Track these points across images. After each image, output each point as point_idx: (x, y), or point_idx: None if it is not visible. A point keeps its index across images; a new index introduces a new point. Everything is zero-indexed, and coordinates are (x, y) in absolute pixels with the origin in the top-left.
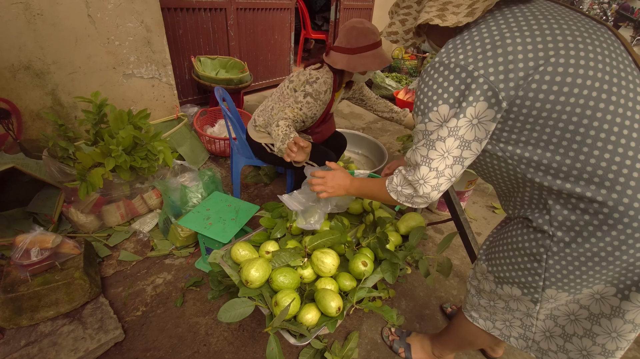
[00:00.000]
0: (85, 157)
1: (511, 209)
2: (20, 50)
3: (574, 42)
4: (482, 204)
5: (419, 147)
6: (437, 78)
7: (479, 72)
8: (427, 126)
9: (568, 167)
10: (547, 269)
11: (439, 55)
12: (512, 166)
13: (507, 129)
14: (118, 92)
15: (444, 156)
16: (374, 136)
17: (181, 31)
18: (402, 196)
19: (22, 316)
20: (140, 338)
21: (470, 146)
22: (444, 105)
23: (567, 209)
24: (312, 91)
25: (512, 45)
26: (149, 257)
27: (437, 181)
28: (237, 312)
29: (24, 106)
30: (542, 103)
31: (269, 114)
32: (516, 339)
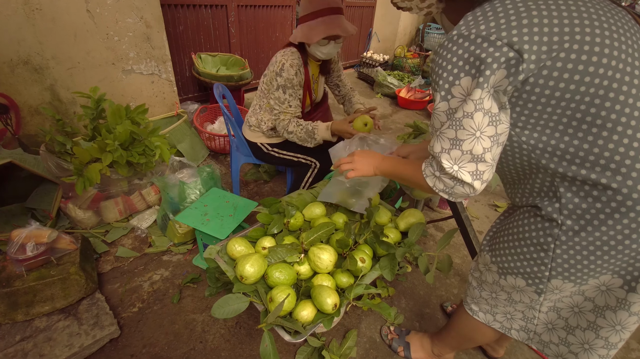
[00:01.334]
0: (82, 152)
1: (518, 198)
2: (19, 45)
3: (599, 21)
4: (484, 202)
5: (444, 131)
6: (456, 50)
7: (502, 41)
8: (450, 103)
9: (585, 152)
10: (554, 259)
11: (457, 28)
12: (527, 152)
13: (527, 112)
14: (117, 88)
15: (475, 136)
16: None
17: (181, 28)
18: (441, 184)
19: (18, 311)
20: (136, 335)
21: (500, 118)
22: (467, 77)
23: (578, 197)
24: (285, 82)
25: (538, 18)
26: (147, 254)
27: (475, 166)
28: (231, 308)
29: (23, 101)
30: (567, 82)
31: (257, 112)
32: (517, 332)
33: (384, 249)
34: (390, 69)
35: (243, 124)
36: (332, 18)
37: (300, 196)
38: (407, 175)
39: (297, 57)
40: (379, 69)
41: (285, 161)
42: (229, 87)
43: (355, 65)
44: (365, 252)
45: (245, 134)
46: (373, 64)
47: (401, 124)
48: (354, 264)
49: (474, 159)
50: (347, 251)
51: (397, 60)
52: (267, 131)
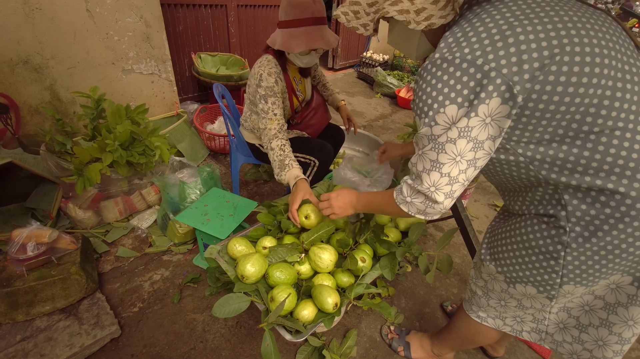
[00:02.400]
0: (82, 152)
1: (518, 206)
2: (19, 44)
3: (584, 29)
4: (483, 202)
5: (426, 152)
6: (440, 76)
7: (489, 65)
8: (433, 130)
9: (586, 159)
10: (565, 266)
11: (439, 50)
12: (525, 164)
13: (521, 126)
14: (117, 87)
15: (455, 160)
16: (375, 133)
17: (181, 27)
18: (414, 207)
19: (18, 311)
20: (136, 334)
21: (484, 146)
22: (452, 105)
23: (585, 204)
24: (265, 92)
25: (523, 34)
26: (147, 254)
27: (450, 187)
28: (232, 307)
29: (23, 100)
30: (561, 96)
31: (249, 117)
32: (528, 333)
33: (384, 249)
34: (390, 69)
35: (240, 126)
36: (315, 29)
37: None
38: (382, 205)
39: (273, 65)
40: (378, 69)
41: None
42: (229, 87)
43: (355, 65)
44: (366, 252)
45: (244, 135)
46: (373, 64)
47: (401, 123)
48: (355, 263)
49: (450, 181)
50: (347, 251)
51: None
52: None
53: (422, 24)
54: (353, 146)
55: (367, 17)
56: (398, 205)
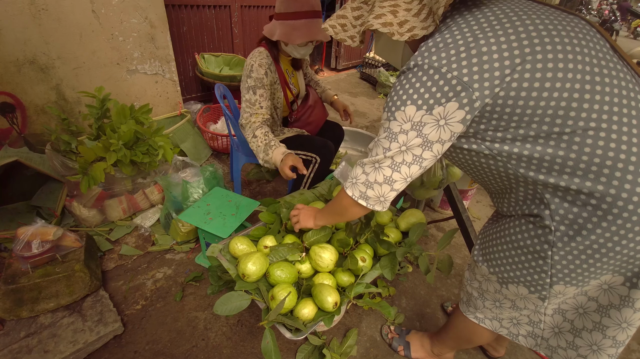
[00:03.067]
0: (87, 151)
1: (505, 207)
2: (25, 44)
3: (549, 36)
4: (485, 203)
5: (380, 140)
6: (410, 78)
7: (452, 74)
8: (390, 124)
9: (562, 159)
10: (553, 266)
11: (413, 58)
12: (502, 163)
13: (492, 128)
14: (122, 87)
15: (401, 150)
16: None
17: (185, 28)
18: (357, 190)
19: (23, 308)
20: (139, 331)
21: (432, 147)
22: (412, 106)
23: (567, 203)
24: (254, 83)
25: (486, 46)
26: (150, 252)
27: (391, 172)
28: (233, 305)
29: (29, 100)
30: (525, 101)
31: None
32: (525, 338)
33: (384, 249)
34: (393, 70)
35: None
36: (315, 22)
37: (302, 195)
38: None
39: (265, 56)
40: (381, 70)
41: None
42: (232, 87)
43: (357, 66)
44: (366, 252)
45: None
46: (375, 64)
47: None
48: (355, 263)
49: (392, 164)
50: (347, 250)
51: None
52: None
53: (405, 35)
54: (355, 146)
55: (353, 30)
56: (345, 191)
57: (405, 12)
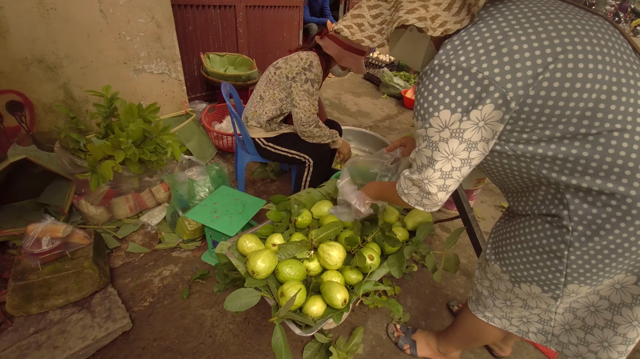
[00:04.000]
0: (96, 150)
1: (522, 206)
2: (34, 43)
3: (578, 36)
4: (490, 203)
5: (422, 149)
6: (437, 82)
7: (483, 74)
8: (427, 132)
9: (586, 159)
10: (568, 265)
11: (437, 57)
12: (525, 164)
13: (518, 129)
14: (128, 86)
15: (448, 158)
16: (381, 134)
17: (191, 28)
18: (412, 199)
19: (32, 304)
20: (147, 328)
21: (477, 146)
22: (446, 111)
23: (587, 203)
24: (314, 76)
25: (517, 44)
26: (157, 250)
27: (443, 181)
28: (243, 301)
29: (37, 98)
30: (555, 101)
31: (257, 103)
32: (535, 335)
33: (391, 246)
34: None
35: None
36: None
37: (308, 194)
38: (391, 196)
39: (319, 62)
40: (385, 70)
41: (280, 156)
42: (237, 86)
43: None
44: (374, 250)
45: (250, 132)
46: (379, 64)
47: (407, 124)
48: (363, 261)
49: (443, 175)
50: (355, 249)
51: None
52: (265, 122)
53: (438, 31)
54: (359, 146)
55: (372, 29)
56: (400, 196)
57: (435, 6)
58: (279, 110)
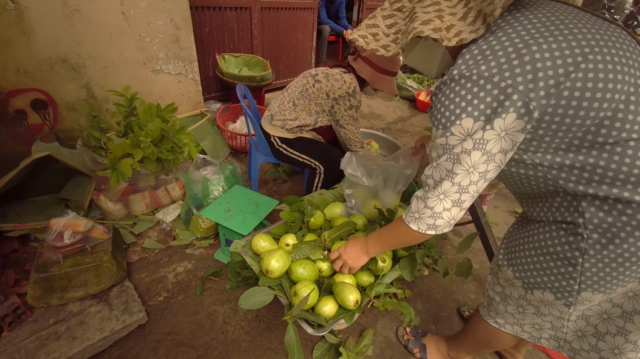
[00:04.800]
0: (116, 148)
1: (537, 212)
2: (58, 44)
3: (598, 46)
4: (504, 208)
5: (441, 163)
6: (458, 91)
7: (506, 82)
8: (448, 140)
9: (602, 169)
10: (582, 273)
11: (456, 67)
12: (543, 173)
13: (537, 138)
14: (147, 86)
15: (469, 171)
16: (394, 136)
17: (207, 29)
18: (424, 223)
19: (53, 296)
20: (161, 322)
21: (495, 159)
22: (468, 119)
23: (602, 212)
24: (357, 103)
25: (539, 53)
26: (171, 246)
27: (459, 196)
28: (257, 300)
29: (60, 97)
30: (575, 110)
31: (289, 108)
32: (547, 341)
33: (404, 250)
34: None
35: (263, 117)
36: (394, 80)
37: (321, 195)
38: (394, 235)
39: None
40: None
41: (291, 159)
42: (251, 87)
43: None
44: (386, 253)
45: (264, 127)
46: None
47: (420, 127)
48: (375, 263)
49: (459, 189)
50: None
51: None
52: (291, 128)
53: (453, 40)
54: None
55: (387, 39)
56: (408, 225)
57: (450, 16)
58: (314, 121)
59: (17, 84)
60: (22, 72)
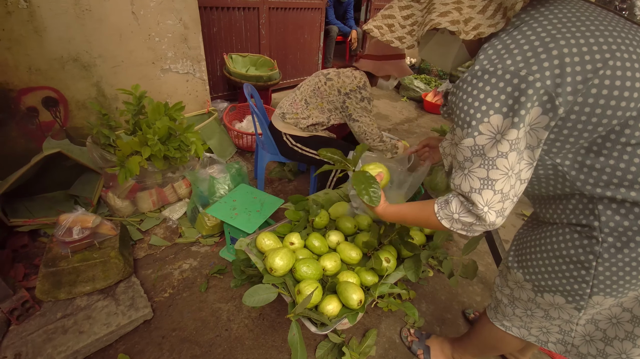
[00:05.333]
0: (124, 145)
1: (549, 214)
2: (69, 43)
3: (624, 44)
4: (512, 211)
5: (473, 171)
6: (482, 87)
7: (533, 76)
8: (476, 140)
9: (622, 171)
10: (595, 277)
11: (478, 62)
12: (562, 173)
13: (562, 139)
14: (155, 85)
15: (507, 175)
16: (400, 137)
17: (215, 29)
18: (459, 224)
19: (61, 290)
20: (167, 318)
21: (524, 156)
22: (497, 115)
23: (619, 215)
24: (369, 95)
25: (567, 47)
26: (177, 244)
27: (502, 205)
28: (261, 297)
29: (71, 95)
30: (603, 109)
31: (301, 107)
32: (554, 345)
33: (408, 251)
34: (417, 73)
35: (274, 115)
36: (402, 63)
37: (326, 195)
38: (417, 218)
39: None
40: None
41: (307, 158)
42: (258, 87)
43: None
44: (390, 253)
45: (275, 124)
46: None
47: (426, 128)
48: (379, 263)
49: (503, 197)
50: (372, 251)
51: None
52: (305, 127)
53: (470, 34)
54: None
55: (402, 30)
56: (439, 220)
57: (469, 9)
58: (327, 119)
59: (29, 82)
60: (34, 70)
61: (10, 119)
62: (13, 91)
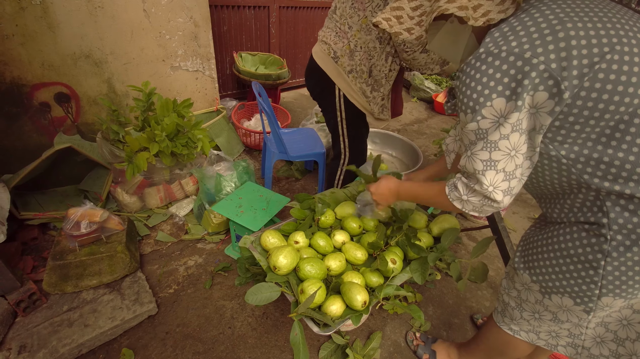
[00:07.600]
0: (133, 141)
1: (556, 213)
2: (82, 39)
3: (632, 31)
4: (522, 214)
5: (476, 152)
6: (485, 70)
7: (538, 59)
8: (480, 124)
9: (631, 164)
10: (604, 277)
11: (484, 45)
12: (567, 167)
13: (567, 126)
14: (165, 83)
15: (510, 155)
16: (410, 137)
17: (225, 27)
18: (469, 205)
19: (68, 283)
20: (171, 314)
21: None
22: (500, 99)
23: (628, 212)
24: None
25: (574, 30)
26: (183, 240)
27: (507, 184)
28: (263, 296)
29: (83, 91)
30: (610, 95)
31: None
32: (564, 348)
33: (415, 253)
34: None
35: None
36: None
37: (333, 194)
38: (430, 197)
39: None
40: (416, 73)
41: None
42: (266, 85)
43: None
44: (396, 254)
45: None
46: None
47: (436, 129)
48: (385, 264)
49: (507, 176)
50: (377, 252)
51: None
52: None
53: (480, 20)
54: (387, 150)
55: (411, 21)
56: (451, 201)
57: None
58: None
59: (42, 78)
60: (46, 66)
61: (23, 113)
62: (26, 86)
